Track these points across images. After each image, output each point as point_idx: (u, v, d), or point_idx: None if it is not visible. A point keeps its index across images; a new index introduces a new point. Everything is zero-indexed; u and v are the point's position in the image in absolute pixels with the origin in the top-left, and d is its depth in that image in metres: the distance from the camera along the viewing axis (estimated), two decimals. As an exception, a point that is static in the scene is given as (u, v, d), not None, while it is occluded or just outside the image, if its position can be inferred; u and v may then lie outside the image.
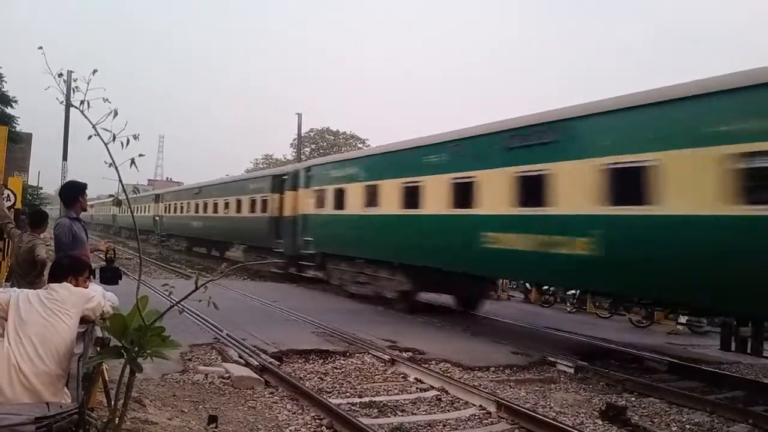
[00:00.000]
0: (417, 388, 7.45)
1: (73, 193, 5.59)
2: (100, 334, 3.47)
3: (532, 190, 9.62)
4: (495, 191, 10.47)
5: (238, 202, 23.73)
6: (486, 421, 6.26)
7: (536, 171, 9.58)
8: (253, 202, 22.24)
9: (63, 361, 3.27)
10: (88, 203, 7.95)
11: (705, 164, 7.17)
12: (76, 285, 3.69)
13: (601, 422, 6.40)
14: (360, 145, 49.80)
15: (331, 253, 16.42)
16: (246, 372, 7.38)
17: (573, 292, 16.26)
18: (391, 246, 13.63)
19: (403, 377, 7.94)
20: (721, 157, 6.98)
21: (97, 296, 3.67)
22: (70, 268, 3.85)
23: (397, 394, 7.18)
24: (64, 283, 3.62)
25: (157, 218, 38.40)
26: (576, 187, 8.82)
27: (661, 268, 7.63)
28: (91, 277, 4.14)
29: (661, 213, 7.62)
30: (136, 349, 2.90)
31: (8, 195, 10.26)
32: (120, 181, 2.94)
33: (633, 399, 7.36)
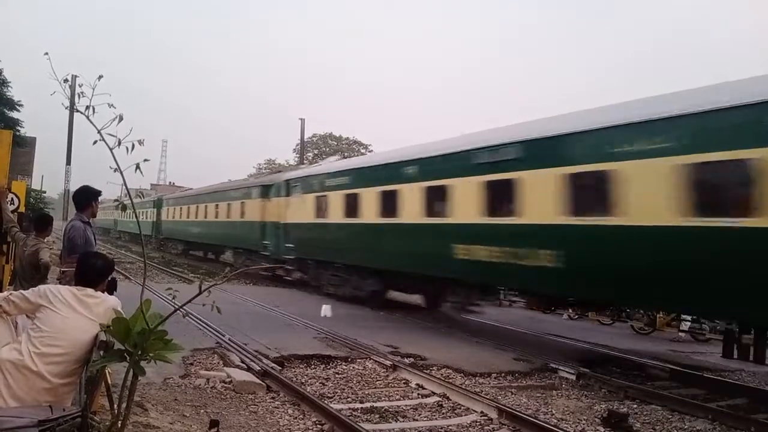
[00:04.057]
0: (418, 394, 7.45)
1: (86, 197, 5.68)
2: (104, 338, 3.48)
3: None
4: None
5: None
6: (487, 428, 6.25)
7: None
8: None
9: (78, 370, 3.27)
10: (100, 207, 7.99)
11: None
12: (103, 289, 3.68)
13: (603, 429, 6.39)
14: (363, 151, 49.81)
15: None
16: (248, 377, 7.39)
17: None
18: None
19: (404, 383, 7.93)
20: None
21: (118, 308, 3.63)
22: (105, 270, 3.79)
23: (399, 399, 7.17)
24: (106, 294, 3.60)
25: (279, 227, 19.03)
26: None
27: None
28: None
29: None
30: (140, 352, 2.92)
31: (12, 198, 10.28)
32: (125, 185, 2.96)
33: (635, 406, 7.34)
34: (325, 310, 13.31)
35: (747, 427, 6.52)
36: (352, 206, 14.78)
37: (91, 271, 3.66)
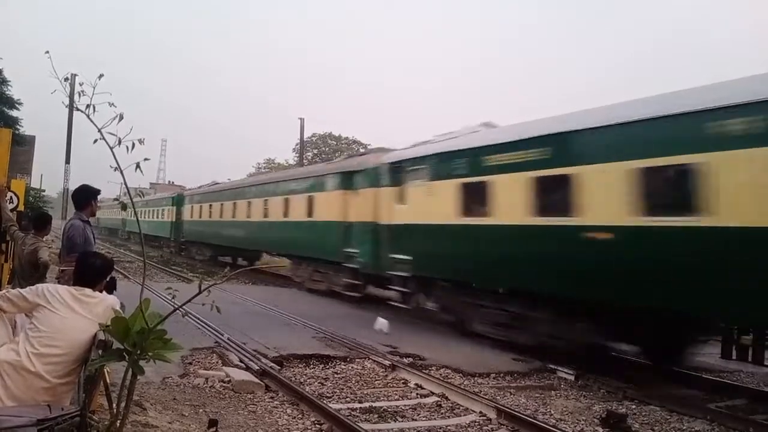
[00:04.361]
0: (417, 394, 7.45)
1: (85, 197, 5.69)
2: (103, 337, 3.48)
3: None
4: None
5: None
6: (486, 428, 6.25)
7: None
8: None
9: (77, 369, 3.27)
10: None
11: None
12: (101, 288, 3.66)
13: (601, 429, 6.39)
14: (362, 150, 49.76)
15: None
16: (246, 376, 7.39)
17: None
18: None
19: (403, 383, 7.93)
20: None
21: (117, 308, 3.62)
22: (104, 269, 3.78)
23: (398, 399, 7.18)
24: (106, 294, 3.60)
25: (378, 230, 13.67)
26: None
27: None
28: None
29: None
30: (139, 351, 2.91)
31: (11, 197, 10.29)
32: (125, 184, 2.96)
33: (633, 407, 7.34)
34: (381, 324, 10.77)
35: (746, 427, 6.52)
36: (556, 196, 8.90)
37: (89, 270, 3.65)
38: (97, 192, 5.81)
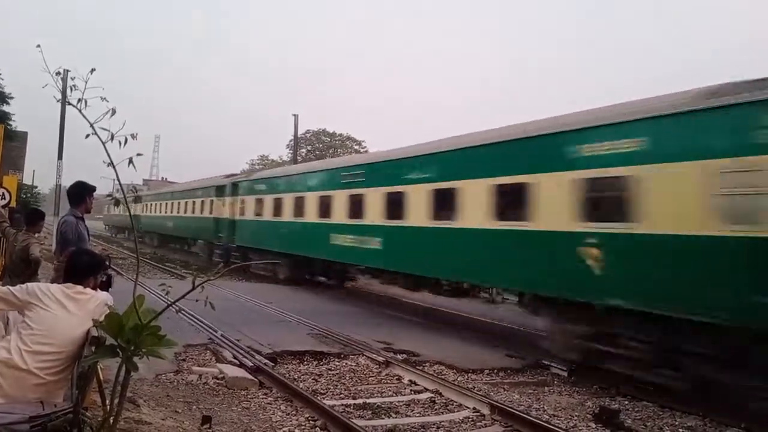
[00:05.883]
0: (411, 390, 7.47)
1: (81, 193, 5.64)
2: (96, 334, 3.45)
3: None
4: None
5: None
6: (480, 424, 6.28)
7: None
8: None
9: (70, 366, 3.25)
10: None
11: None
12: (94, 285, 3.63)
13: (594, 425, 6.43)
14: (357, 147, 49.78)
15: None
16: (240, 373, 7.39)
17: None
18: None
19: (397, 379, 7.95)
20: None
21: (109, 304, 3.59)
22: (93, 266, 3.74)
23: (392, 395, 7.19)
24: (98, 291, 3.56)
25: None
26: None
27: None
28: None
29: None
30: (133, 348, 2.89)
31: (3, 194, 10.25)
32: (118, 180, 2.94)
33: (626, 402, 7.39)
34: None
35: (737, 423, 6.57)
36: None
37: (78, 267, 3.64)
38: (93, 188, 5.78)
